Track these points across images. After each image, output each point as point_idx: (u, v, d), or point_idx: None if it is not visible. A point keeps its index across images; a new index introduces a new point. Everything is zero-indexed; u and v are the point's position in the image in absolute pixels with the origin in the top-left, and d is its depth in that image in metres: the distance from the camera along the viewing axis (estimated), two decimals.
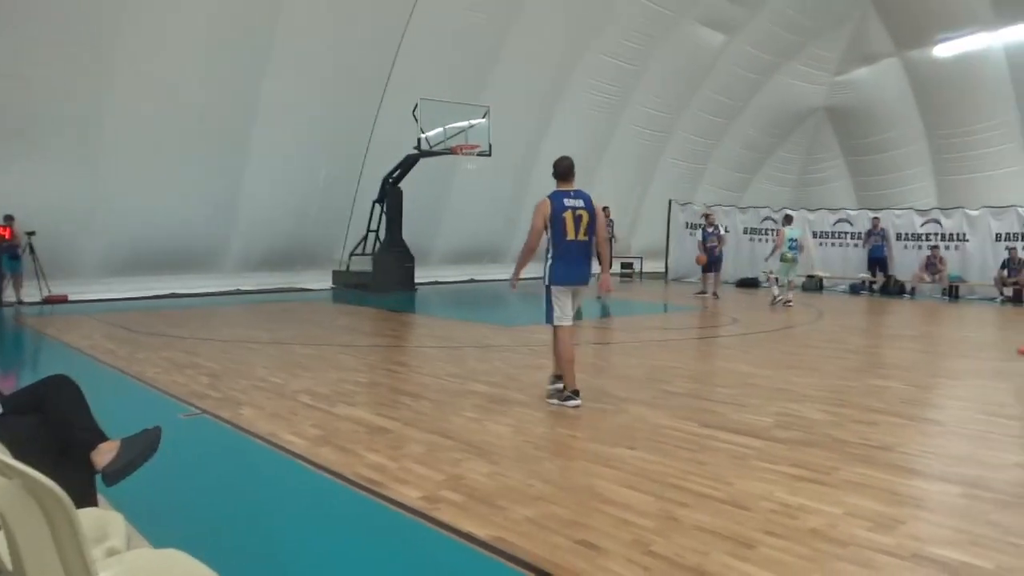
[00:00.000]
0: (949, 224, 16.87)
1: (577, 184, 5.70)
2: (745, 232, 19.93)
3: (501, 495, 3.56)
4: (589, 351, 8.24)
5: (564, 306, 5.57)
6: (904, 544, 3.01)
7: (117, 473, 2.48)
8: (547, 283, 5.60)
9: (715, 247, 15.71)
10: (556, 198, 5.51)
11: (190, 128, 13.03)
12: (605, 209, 16.55)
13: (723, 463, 4.10)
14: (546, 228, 5.55)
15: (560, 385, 5.61)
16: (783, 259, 13.61)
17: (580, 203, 5.51)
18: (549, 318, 5.64)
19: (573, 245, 5.49)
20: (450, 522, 3.22)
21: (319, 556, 2.96)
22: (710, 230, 15.89)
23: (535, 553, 2.90)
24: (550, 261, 5.57)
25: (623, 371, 7.11)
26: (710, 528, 3.16)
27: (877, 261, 17.26)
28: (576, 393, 5.49)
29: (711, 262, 15.68)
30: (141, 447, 2.54)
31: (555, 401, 5.53)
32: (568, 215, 5.44)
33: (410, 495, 3.55)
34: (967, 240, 16.59)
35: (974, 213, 16.65)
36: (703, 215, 17.40)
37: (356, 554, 2.97)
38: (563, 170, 5.66)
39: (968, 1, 18.56)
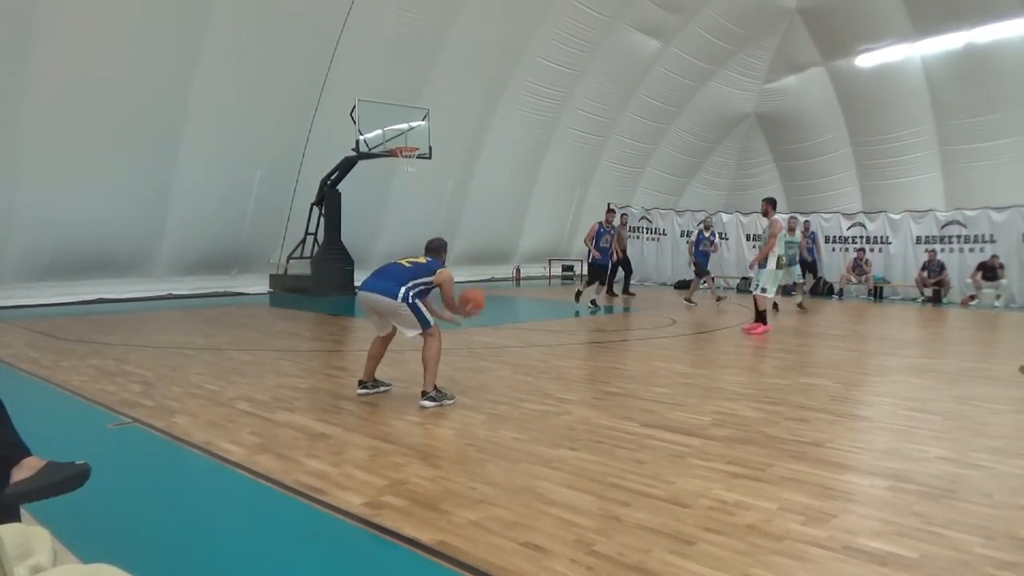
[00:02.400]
0: (873, 227, 17.60)
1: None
2: (682, 235, 20.36)
3: (444, 499, 3.55)
4: (531, 353, 8.27)
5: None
6: (835, 537, 3.12)
7: (20, 495, 2.31)
8: None
9: (708, 252, 15.17)
10: None
11: (116, 125, 12.56)
12: (611, 212, 14.92)
13: (662, 462, 4.18)
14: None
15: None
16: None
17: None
18: None
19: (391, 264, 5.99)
20: (393, 527, 3.19)
21: (259, 567, 2.89)
22: (707, 234, 15.30)
23: (479, 556, 2.90)
24: None
25: (564, 372, 7.17)
26: (651, 526, 3.22)
27: (807, 263, 17.82)
28: (360, 383, 6.03)
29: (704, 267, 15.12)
30: (62, 477, 2.33)
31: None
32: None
33: (352, 501, 3.50)
34: (890, 243, 17.34)
35: (896, 217, 17.40)
36: (701, 221, 16.71)
37: (298, 563, 2.91)
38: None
39: (887, 14, 19.40)
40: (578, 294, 14.57)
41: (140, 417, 5.12)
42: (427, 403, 5.59)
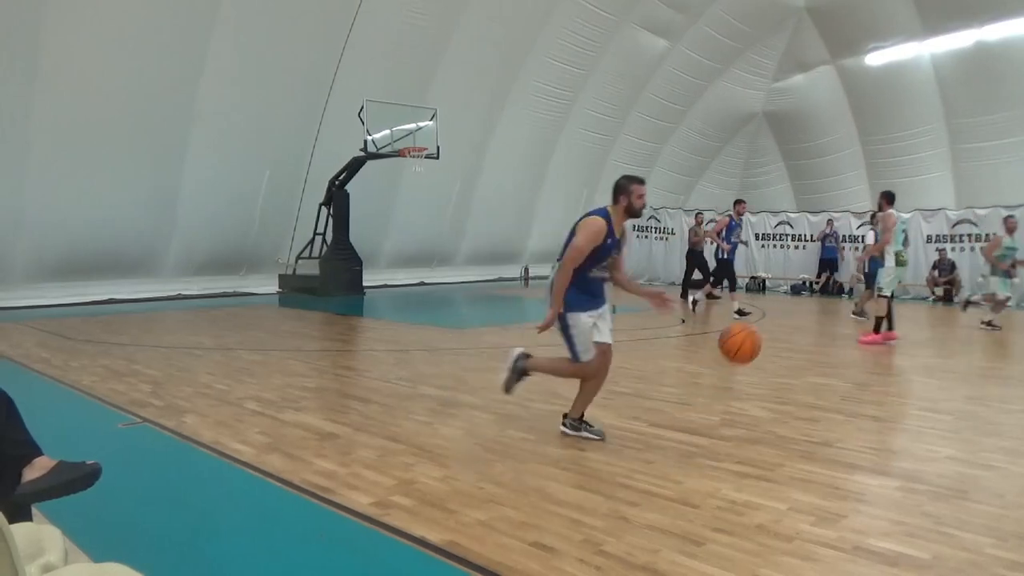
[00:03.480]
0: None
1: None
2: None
3: (452, 498, 3.55)
4: (540, 353, 8.26)
5: None
6: (845, 537, 3.10)
7: (32, 495, 2.32)
8: None
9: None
10: None
11: (125, 126, 12.63)
12: (742, 203, 13.07)
13: (671, 462, 4.17)
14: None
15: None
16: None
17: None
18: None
19: None
20: (402, 527, 3.19)
21: (268, 566, 2.90)
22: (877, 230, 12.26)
23: (488, 556, 2.90)
24: None
25: None
26: (659, 526, 3.21)
27: (830, 262, 17.71)
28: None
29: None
30: (73, 476, 2.37)
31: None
32: None
33: (361, 501, 3.50)
34: None
35: (906, 216, 17.27)
36: (873, 217, 14.17)
37: (307, 563, 2.91)
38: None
39: (897, 12, 19.29)
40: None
41: (150, 417, 5.14)
42: (564, 428, 4.73)
